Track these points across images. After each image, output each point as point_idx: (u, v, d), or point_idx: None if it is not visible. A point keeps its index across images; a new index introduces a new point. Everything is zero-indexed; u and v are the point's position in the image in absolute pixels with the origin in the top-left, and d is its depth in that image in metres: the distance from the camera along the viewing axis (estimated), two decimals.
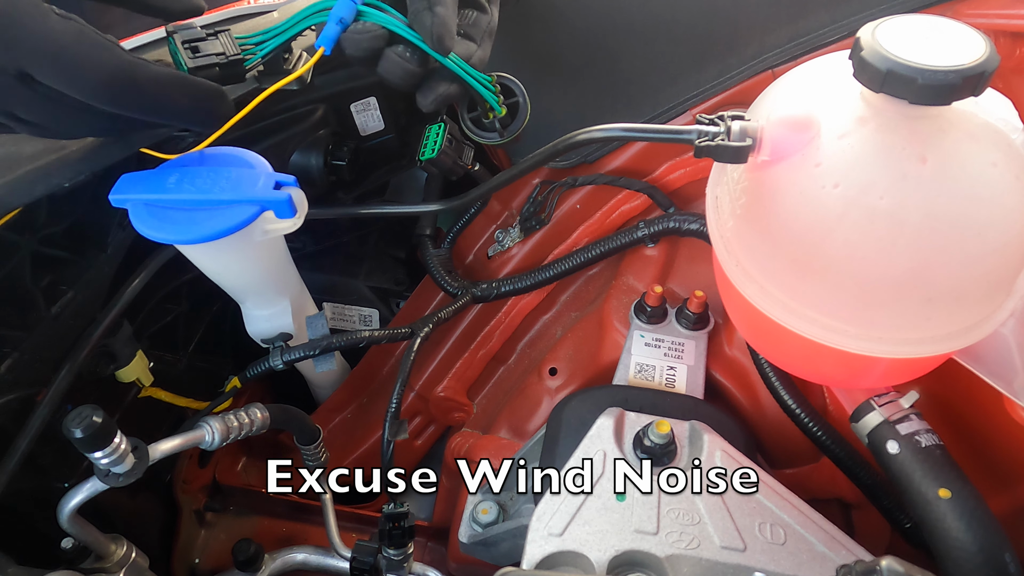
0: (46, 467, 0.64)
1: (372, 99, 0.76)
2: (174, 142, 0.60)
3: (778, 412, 0.67)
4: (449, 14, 0.57)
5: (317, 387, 0.95)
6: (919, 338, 0.45)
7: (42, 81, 0.47)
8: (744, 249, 0.49)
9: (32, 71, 0.46)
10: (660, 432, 0.56)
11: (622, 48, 0.77)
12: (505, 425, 0.82)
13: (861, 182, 0.42)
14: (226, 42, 0.60)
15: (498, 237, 0.86)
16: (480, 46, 0.62)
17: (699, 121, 0.47)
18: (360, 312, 0.95)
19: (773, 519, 0.53)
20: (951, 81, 0.38)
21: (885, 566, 0.42)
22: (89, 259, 0.65)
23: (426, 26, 0.56)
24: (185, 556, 0.85)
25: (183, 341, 0.84)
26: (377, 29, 0.57)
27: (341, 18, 0.57)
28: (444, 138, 0.71)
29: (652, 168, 0.82)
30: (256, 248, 0.63)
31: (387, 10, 0.58)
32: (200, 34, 0.60)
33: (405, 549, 0.66)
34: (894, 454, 0.53)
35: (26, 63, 0.46)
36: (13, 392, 0.59)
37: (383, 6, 0.58)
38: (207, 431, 0.59)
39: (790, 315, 0.47)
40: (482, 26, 0.63)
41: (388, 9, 0.58)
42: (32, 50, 0.46)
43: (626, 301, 0.79)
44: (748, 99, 0.56)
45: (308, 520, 0.89)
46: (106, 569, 0.61)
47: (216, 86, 0.55)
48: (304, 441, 0.73)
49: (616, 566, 0.51)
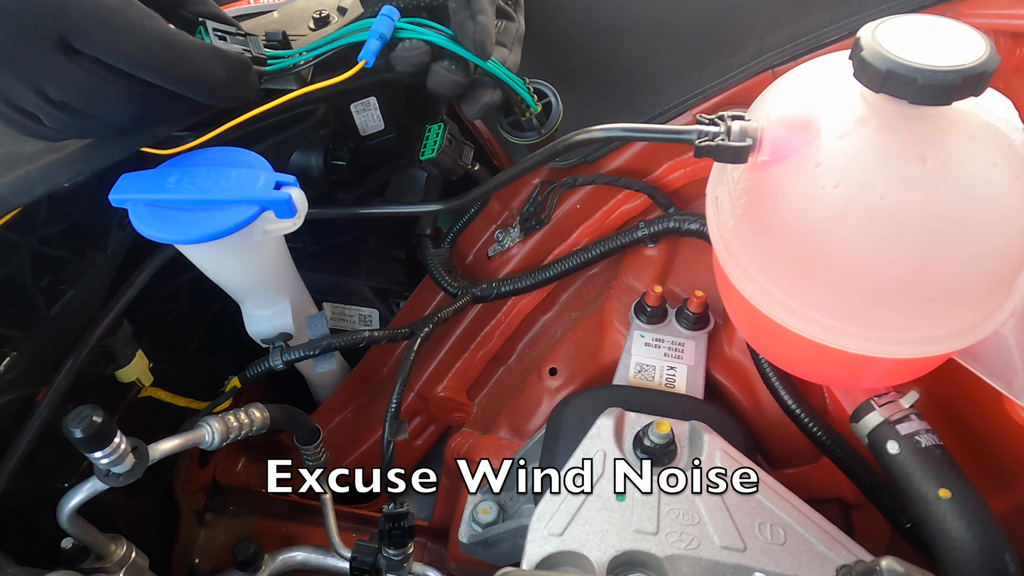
0: (46, 467, 0.64)
1: (372, 99, 0.76)
2: (173, 141, 0.60)
3: (778, 412, 0.67)
4: (490, 22, 0.61)
5: (317, 387, 0.95)
6: (919, 338, 0.45)
7: (83, 50, 0.48)
8: (744, 249, 0.49)
9: (77, 38, 0.47)
10: (660, 432, 0.56)
11: (622, 48, 0.77)
12: (505, 425, 0.82)
13: (861, 182, 0.42)
14: (254, 44, 0.61)
15: (498, 237, 0.86)
16: (512, 51, 0.66)
17: (699, 121, 0.47)
18: (360, 312, 0.95)
19: (773, 519, 0.53)
20: (951, 81, 0.38)
21: (885, 566, 0.42)
22: (89, 259, 0.65)
23: (469, 34, 0.60)
24: (185, 556, 0.85)
25: (183, 341, 0.84)
26: (422, 46, 0.61)
27: (381, 34, 0.60)
28: (444, 138, 0.71)
29: (652, 168, 0.82)
30: (256, 248, 0.63)
31: (427, 24, 0.62)
32: (231, 29, 0.61)
33: (405, 549, 0.66)
34: (894, 454, 0.53)
35: (72, 28, 0.46)
36: (13, 392, 0.59)
37: (421, 20, 0.62)
38: (207, 431, 0.59)
39: (790, 315, 0.47)
40: (512, 33, 0.67)
41: (426, 23, 0.62)
42: (81, 15, 0.46)
43: (626, 301, 0.79)
44: (748, 99, 0.56)
45: (308, 520, 0.89)
46: (106, 569, 0.61)
47: (246, 59, 0.57)
48: (304, 441, 0.73)
49: (616, 566, 0.51)
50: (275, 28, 0.66)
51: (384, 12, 0.61)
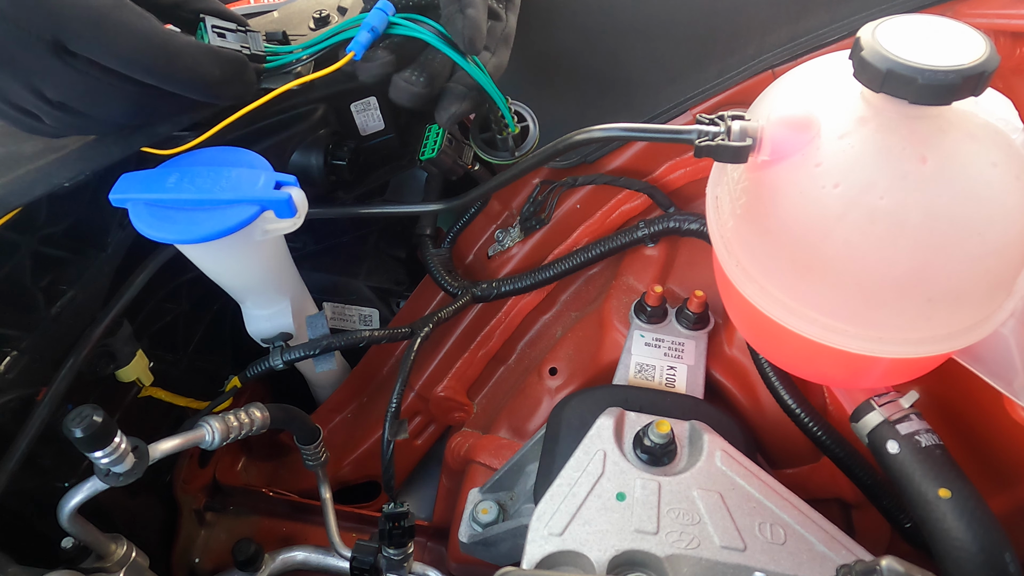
0: (46, 467, 0.64)
1: (372, 99, 0.76)
2: (173, 141, 0.60)
3: (778, 412, 0.67)
4: (480, 16, 0.60)
5: (317, 387, 0.95)
6: (919, 338, 0.45)
7: (77, 52, 0.48)
8: (744, 249, 0.49)
9: (70, 40, 0.47)
10: (660, 432, 0.56)
11: (622, 48, 0.77)
12: (505, 425, 0.82)
13: (861, 182, 0.42)
14: (253, 41, 0.61)
15: (498, 237, 0.86)
16: (495, 54, 0.64)
17: (699, 121, 0.47)
18: (360, 312, 0.95)
19: (773, 519, 0.53)
20: (951, 81, 0.38)
21: (885, 566, 0.42)
22: (89, 259, 0.65)
23: (457, 28, 0.59)
24: (185, 556, 0.85)
25: (183, 341, 0.84)
26: (386, 56, 0.61)
27: (373, 26, 0.59)
28: (444, 138, 0.71)
29: (652, 168, 0.82)
30: (256, 248, 0.63)
31: (419, 20, 0.61)
32: (230, 26, 0.61)
33: (405, 549, 0.66)
34: (894, 454, 0.53)
35: (66, 30, 0.47)
36: (13, 392, 0.59)
37: (414, 16, 0.61)
38: (207, 431, 0.59)
39: (790, 315, 0.47)
40: (496, 33, 0.65)
41: (419, 18, 0.61)
42: (74, 17, 0.47)
43: (626, 301, 0.79)
44: (748, 99, 0.56)
45: (308, 520, 0.89)
46: (106, 569, 0.61)
47: (241, 56, 0.57)
48: (304, 441, 0.73)
49: (616, 566, 0.51)
50: (275, 28, 0.66)
51: (379, 6, 0.60)
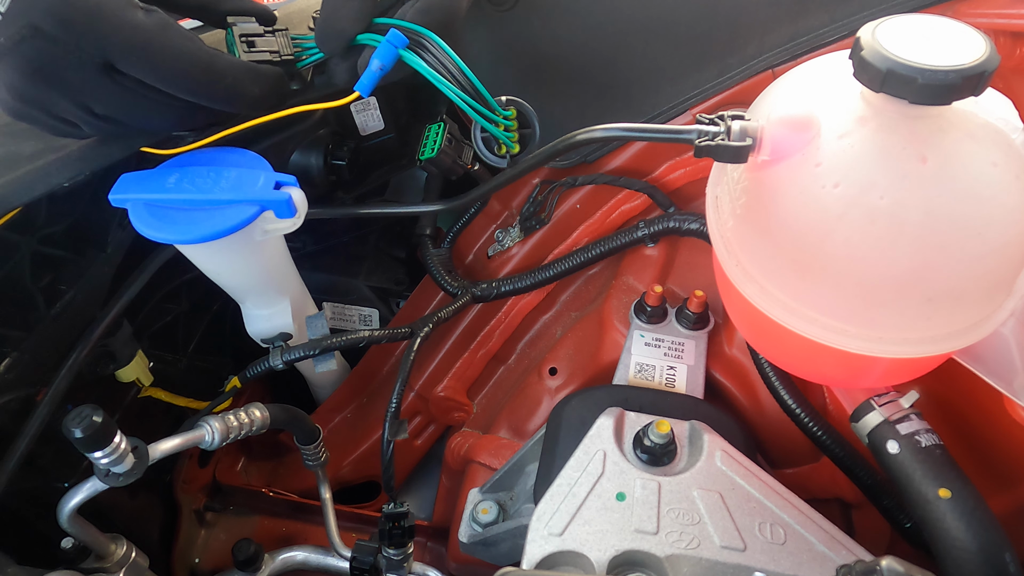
0: (46, 467, 0.64)
1: (372, 99, 0.76)
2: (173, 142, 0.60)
3: (778, 412, 0.67)
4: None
5: (317, 387, 0.95)
6: (919, 338, 0.45)
7: (126, 72, 0.50)
8: (744, 249, 0.49)
9: (119, 62, 0.49)
10: (660, 432, 0.56)
11: (622, 48, 0.77)
12: (505, 425, 0.82)
13: (861, 182, 0.42)
14: (282, 42, 0.62)
15: (498, 237, 0.86)
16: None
17: (699, 121, 0.47)
18: (360, 312, 0.95)
19: (773, 519, 0.53)
20: (951, 81, 0.38)
21: (885, 566, 0.42)
22: (89, 259, 0.65)
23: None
24: (185, 556, 0.85)
25: (183, 341, 0.84)
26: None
27: (382, 65, 0.58)
28: (444, 138, 0.71)
29: (652, 168, 0.82)
30: (256, 248, 0.63)
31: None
32: (258, 29, 0.61)
33: (405, 549, 0.66)
34: (894, 454, 0.53)
35: (114, 54, 0.48)
36: (13, 392, 0.59)
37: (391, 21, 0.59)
38: (207, 431, 0.59)
39: (790, 315, 0.47)
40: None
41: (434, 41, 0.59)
42: (123, 40, 0.48)
43: (626, 301, 0.79)
44: (748, 99, 0.56)
45: (308, 520, 0.89)
46: (106, 569, 0.61)
47: (279, 73, 0.58)
48: (304, 441, 0.73)
49: (616, 566, 0.51)
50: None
51: (389, 39, 0.58)
